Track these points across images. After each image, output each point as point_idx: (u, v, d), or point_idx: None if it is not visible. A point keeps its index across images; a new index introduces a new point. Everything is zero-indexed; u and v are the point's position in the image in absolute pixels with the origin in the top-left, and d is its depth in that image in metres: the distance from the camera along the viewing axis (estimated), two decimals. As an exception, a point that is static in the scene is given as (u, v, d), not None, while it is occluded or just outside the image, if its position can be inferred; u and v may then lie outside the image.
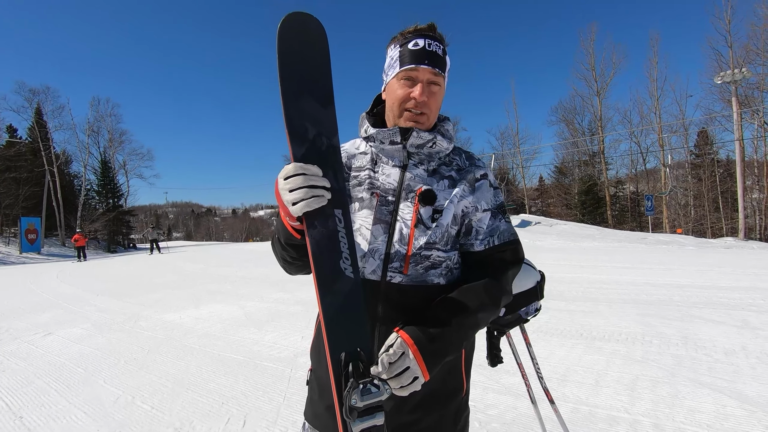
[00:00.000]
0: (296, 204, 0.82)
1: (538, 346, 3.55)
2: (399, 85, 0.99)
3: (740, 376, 2.92)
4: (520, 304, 1.34)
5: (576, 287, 6.34)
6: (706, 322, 4.23)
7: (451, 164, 1.04)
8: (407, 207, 0.98)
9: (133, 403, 2.94)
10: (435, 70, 0.96)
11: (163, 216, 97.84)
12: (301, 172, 0.82)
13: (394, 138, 1.01)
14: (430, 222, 0.97)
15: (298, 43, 0.88)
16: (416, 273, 0.96)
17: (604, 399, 2.65)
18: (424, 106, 0.98)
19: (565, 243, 15.41)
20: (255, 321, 5.21)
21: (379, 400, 0.78)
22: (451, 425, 0.99)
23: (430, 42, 0.96)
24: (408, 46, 0.97)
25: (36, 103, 28.69)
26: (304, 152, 0.86)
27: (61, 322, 5.74)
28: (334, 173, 0.88)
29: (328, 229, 0.86)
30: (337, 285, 0.86)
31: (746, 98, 24.47)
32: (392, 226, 0.97)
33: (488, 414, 2.52)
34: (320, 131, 0.89)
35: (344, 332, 0.84)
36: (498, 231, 1.03)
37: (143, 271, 12.73)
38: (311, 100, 0.89)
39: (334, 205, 0.87)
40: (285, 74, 0.87)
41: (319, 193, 0.83)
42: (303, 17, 0.89)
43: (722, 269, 7.62)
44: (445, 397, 0.98)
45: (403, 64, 0.97)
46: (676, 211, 30.61)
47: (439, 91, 1.00)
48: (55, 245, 27.20)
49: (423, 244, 0.96)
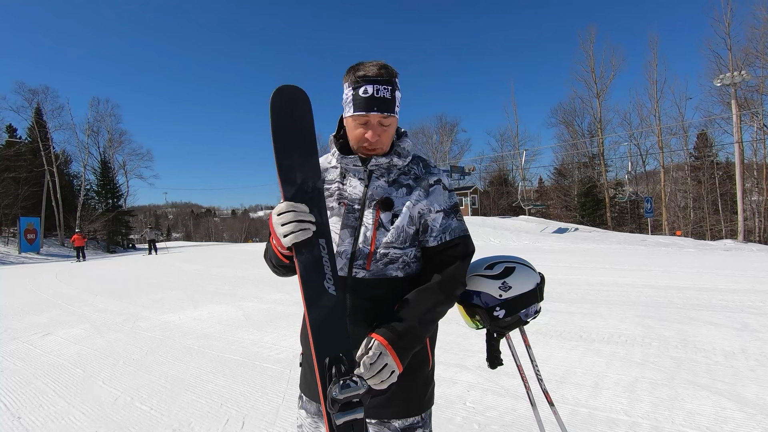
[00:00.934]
0: (287, 236, 0.99)
1: (537, 348, 3.55)
2: (354, 125, 1.13)
3: (740, 378, 2.92)
4: (520, 306, 1.34)
5: (575, 289, 6.34)
6: (706, 325, 4.23)
7: (410, 173, 1.20)
8: (370, 213, 1.15)
9: (131, 404, 2.94)
10: (383, 114, 1.10)
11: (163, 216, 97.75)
12: (291, 210, 0.99)
13: (356, 163, 1.18)
14: (389, 225, 1.14)
15: (286, 109, 1.07)
16: (377, 268, 1.13)
17: (603, 401, 2.65)
18: (377, 142, 1.13)
19: (565, 244, 15.42)
20: (254, 322, 5.21)
21: (357, 394, 0.90)
22: (421, 393, 1.17)
23: (378, 88, 1.08)
24: (359, 92, 1.09)
25: (36, 103, 28.76)
26: (294, 193, 1.04)
27: (60, 323, 5.73)
28: (319, 210, 1.05)
29: (313, 255, 1.03)
30: (322, 301, 1.01)
31: (746, 101, 24.53)
32: (358, 230, 1.15)
33: (487, 416, 2.52)
34: (306, 176, 1.06)
35: (328, 340, 1.00)
36: (450, 228, 1.17)
37: (142, 272, 12.72)
38: (298, 151, 1.07)
39: (319, 236, 1.04)
40: (277, 133, 1.05)
41: (306, 226, 0.99)
42: (290, 88, 1.08)
43: (721, 271, 7.63)
44: (414, 370, 1.14)
45: (356, 109, 1.10)
46: (675, 213, 30.65)
47: (390, 125, 1.14)
48: (54, 245, 27.17)
49: (383, 243, 1.13)
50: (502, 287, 1.34)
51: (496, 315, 1.34)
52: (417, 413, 1.15)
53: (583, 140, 33.52)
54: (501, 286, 1.34)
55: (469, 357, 3.55)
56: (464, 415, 2.54)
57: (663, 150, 30.64)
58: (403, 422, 1.14)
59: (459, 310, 1.47)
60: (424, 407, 1.17)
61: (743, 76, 20.74)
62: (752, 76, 22.64)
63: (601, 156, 32.43)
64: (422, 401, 1.17)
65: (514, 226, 21.18)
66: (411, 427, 1.15)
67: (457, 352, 3.69)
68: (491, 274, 1.37)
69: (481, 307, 1.36)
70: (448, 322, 5.20)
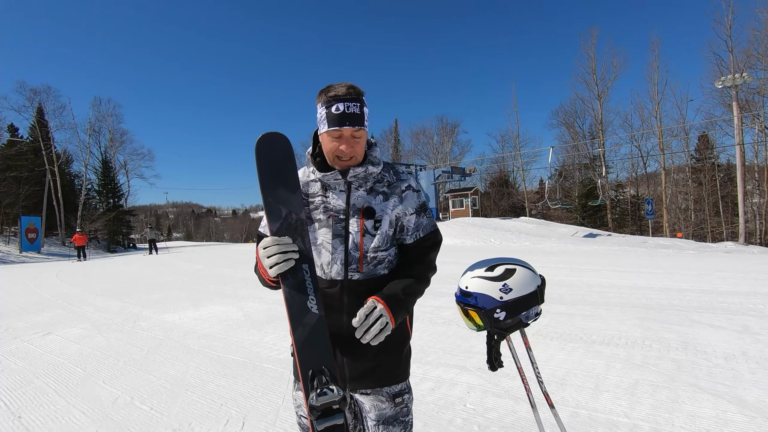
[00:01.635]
0: (272, 267, 1.12)
1: (537, 350, 3.55)
2: (329, 140, 1.24)
3: (740, 381, 2.92)
4: (520, 308, 1.34)
5: (576, 290, 6.33)
6: (706, 327, 4.23)
7: (383, 180, 1.34)
8: (355, 222, 1.28)
9: (132, 404, 2.94)
10: (355, 128, 1.22)
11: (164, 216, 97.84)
12: (275, 243, 1.13)
13: (336, 177, 1.30)
14: (373, 230, 1.28)
15: (270, 152, 1.21)
16: (368, 270, 1.28)
17: (603, 403, 2.65)
18: (351, 152, 1.24)
19: (565, 246, 15.41)
20: (254, 322, 5.21)
21: (333, 401, 0.99)
22: (405, 364, 1.35)
23: (348, 105, 1.21)
24: (331, 110, 1.21)
25: (37, 103, 28.76)
26: (279, 226, 1.17)
27: (60, 322, 5.74)
28: (302, 238, 1.18)
29: (297, 279, 1.15)
30: (305, 319, 1.13)
31: (747, 103, 24.52)
32: (346, 238, 1.27)
33: (487, 417, 2.52)
34: (290, 210, 1.19)
35: (311, 354, 1.10)
36: (422, 226, 1.34)
37: (143, 272, 12.73)
38: (282, 189, 1.20)
39: (303, 261, 1.16)
40: (262, 175, 1.19)
41: (290, 256, 1.13)
42: (273, 136, 1.22)
43: (722, 274, 7.62)
44: (397, 344, 1.31)
45: (330, 125, 1.22)
46: (676, 215, 30.63)
47: (362, 137, 1.26)
48: (55, 245, 27.20)
49: (371, 247, 1.28)
50: (503, 289, 1.34)
51: (497, 317, 1.34)
52: (403, 379, 1.33)
53: (584, 142, 33.51)
54: (502, 288, 1.34)
55: (469, 358, 3.55)
56: (465, 417, 2.54)
57: (664, 152, 30.63)
58: (393, 388, 1.31)
59: (459, 312, 1.47)
60: (407, 374, 1.36)
61: (744, 78, 20.72)
62: (753, 78, 22.60)
63: (602, 157, 32.42)
64: (406, 370, 1.36)
65: (515, 228, 21.16)
66: (400, 393, 1.32)
67: (457, 354, 3.69)
68: (492, 276, 1.37)
69: (482, 309, 1.36)
70: (448, 323, 5.18)
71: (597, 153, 32.76)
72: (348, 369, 1.25)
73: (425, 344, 4.00)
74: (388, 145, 46.05)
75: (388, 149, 45.70)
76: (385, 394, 1.30)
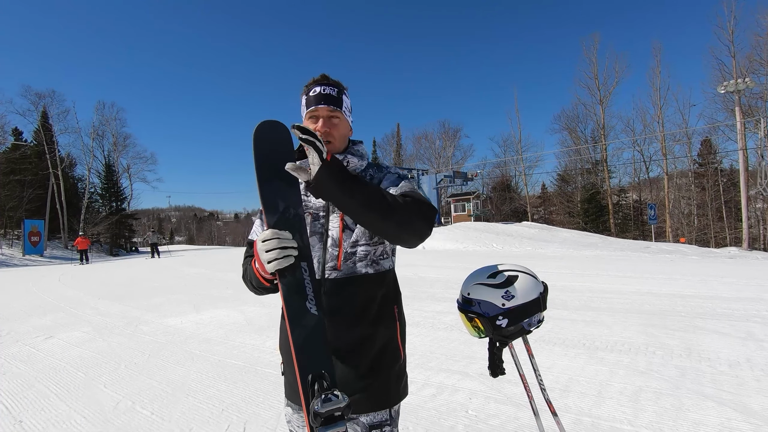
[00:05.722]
0: (271, 262, 1.03)
1: (540, 356, 3.53)
2: (308, 123, 1.24)
3: (745, 388, 2.89)
4: (523, 316, 1.34)
5: (578, 296, 6.30)
6: (710, 333, 4.20)
7: (365, 176, 1.29)
8: (335, 219, 1.23)
9: (133, 409, 2.93)
10: (330, 107, 1.22)
11: (166, 220, 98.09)
12: (275, 237, 1.03)
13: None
14: (353, 224, 1.22)
15: (268, 143, 1.14)
16: (347, 267, 1.21)
17: (606, 410, 2.63)
18: (328, 135, 1.22)
19: (568, 251, 15.36)
20: (256, 327, 5.21)
21: (338, 407, 0.93)
22: (395, 384, 1.24)
23: (324, 87, 1.23)
24: (310, 93, 1.24)
25: (42, 107, 29.00)
26: (276, 220, 1.09)
27: (62, 326, 5.74)
28: (300, 235, 1.10)
29: (296, 278, 1.07)
30: (304, 321, 1.06)
31: (749, 108, 24.47)
32: (325, 236, 1.22)
33: (489, 424, 2.50)
34: (288, 204, 1.12)
35: (311, 358, 1.04)
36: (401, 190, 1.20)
37: (145, 275, 12.75)
38: (280, 182, 1.13)
39: (301, 259, 1.08)
40: (260, 166, 1.11)
41: (289, 252, 1.04)
42: (271, 124, 1.15)
43: (726, 279, 7.57)
44: (388, 365, 1.23)
45: (308, 106, 1.24)
46: (679, 220, 30.50)
47: (340, 123, 1.25)
48: (58, 248, 27.27)
49: (350, 242, 1.21)
50: (505, 296, 1.34)
51: (499, 324, 1.34)
52: (386, 406, 1.20)
53: (587, 146, 33.49)
54: (504, 295, 1.34)
55: (471, 364, 3.53)
56: (466, 423, 2.52)
57: (666, 157, 30.57)
58: (372, 417, 1.18)
59: (461, 318, 1.46)
60: (393, 401, 1.22)
61: (747, 84, 20.73)
62: (756, 84, 22.62)
63: (605, 162, 32.38)
64: (394, 395, 1.22)
65: (517, 232, 21.11)
66: (379, 424, 1.18)
67: (459, 360, 3.67)
68: (494, 282, 1.37)
69: (484, 316, 1.35)
70: (450, 329, 5.17)
71: (599, 158, 32.73)
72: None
73: (427, 350, 3.98)
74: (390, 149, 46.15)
75: (390, 153, 45.79)
76: (360, 425, 1.17)
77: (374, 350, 1.20)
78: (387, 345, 1.24)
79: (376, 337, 1.22)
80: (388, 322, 1.26)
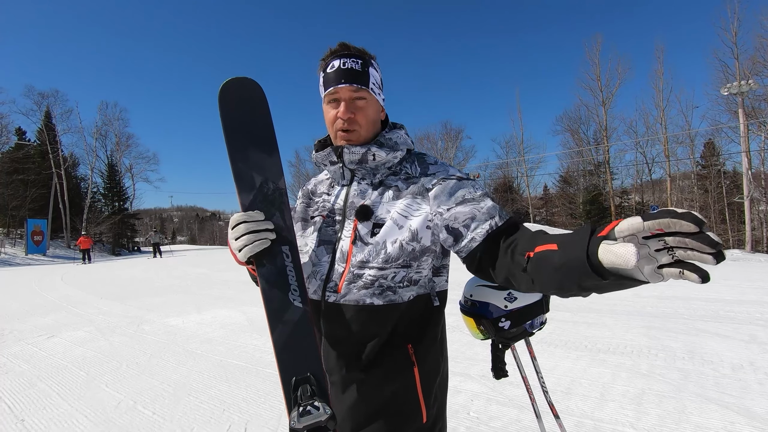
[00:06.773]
0: (241, 250, 0.87)
1: (542, 358, 3.52)
2: (328, 108, 1.00)
3: (748, 392, 2.88)
4: (525, 317, 1.33)
5: (580, 298, 6.28)
6: (713, 336, 4.18)
7: (400, 173, 1.00)
8: (349, 224, 0.98)
9: (134, 408, 2.94)
10: (353, 86, 0.95)
11: (168, 220, 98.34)
12: (242, 221, 0.88)
13: (331, 158, 1.01)
14: (368, 237, 0.94)
15: (238, 105, 0.96)
16: (348, 291, 0.94)
17: (609, 413, 2.62)
18: (352, 122, 0.97)
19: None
20: (258, 327, 5.21)
21: (318, 421, 0.79)
22: None
23: (345, 60, 0.96)
24: (327, 69, 0.98)
25: (45, 107, 29.13)
26: (252, 200, 0.93)
27: (64, 325, 5.75)
28: (281, 213, 0.94)
29: (276, 266, 0.91)
30: (286, 315, 0.91)
31: (753, 110, 24.38)
32: (335, 246, 0.98)
33: (491, 426, 2.49)
34: (266, 177, 0.95)
35: (295, 358, 0.89)
36: (485, 209, 0.90)
37: (147, 275, 12.78)
38: (256, 151, 0.95)
39: (281, 243, 0.92)
40: (230, 133, 0.94)
41: (262, 236, 0.88)
42: (241, 81, 0.96)
43: (729, 282, 7.54)
44: (400, 422, 0.93)
45: (327, 86, 0.98)
46: (681, 222, 30.34)
47: (366, 105, 0.98)
48: (61, 247, 27.37)
49: (358, 261, 0.94)
50: (508, 298, 1.33)
51: (501, 326, 1.33)
52: None
53: (589, 148, 33.42)
54: (506, 297, 1.34)
55: (473, 366, 3.53)
56: (468, 425, 2.52)
57: (669, 158, 30.49)
58: None
59: (464, 320, 1.46)
60: None
61: (750, 85, 20.65)
62: (759, 86, 22.52)
63: (607, 164, 32.31)
64: None
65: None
66: None
67: (461, 361, 3.66)
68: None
69: (486, 318, 1.35)
70: (452, 330, 5.16)
71: (602, 159, 32.66)
72: None
73: (428, 351, 3.97)
74: (392, 151, 46.07)
75: (392, 154, 45.70)
76: None
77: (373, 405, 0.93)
78: (392, 401, 0.93)
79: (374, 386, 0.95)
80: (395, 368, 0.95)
